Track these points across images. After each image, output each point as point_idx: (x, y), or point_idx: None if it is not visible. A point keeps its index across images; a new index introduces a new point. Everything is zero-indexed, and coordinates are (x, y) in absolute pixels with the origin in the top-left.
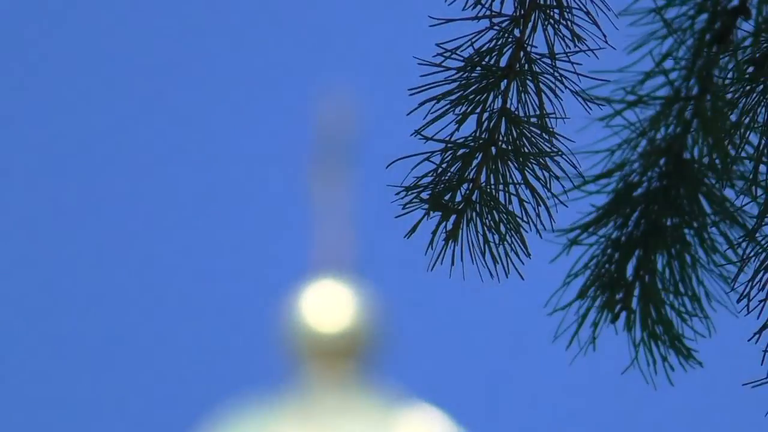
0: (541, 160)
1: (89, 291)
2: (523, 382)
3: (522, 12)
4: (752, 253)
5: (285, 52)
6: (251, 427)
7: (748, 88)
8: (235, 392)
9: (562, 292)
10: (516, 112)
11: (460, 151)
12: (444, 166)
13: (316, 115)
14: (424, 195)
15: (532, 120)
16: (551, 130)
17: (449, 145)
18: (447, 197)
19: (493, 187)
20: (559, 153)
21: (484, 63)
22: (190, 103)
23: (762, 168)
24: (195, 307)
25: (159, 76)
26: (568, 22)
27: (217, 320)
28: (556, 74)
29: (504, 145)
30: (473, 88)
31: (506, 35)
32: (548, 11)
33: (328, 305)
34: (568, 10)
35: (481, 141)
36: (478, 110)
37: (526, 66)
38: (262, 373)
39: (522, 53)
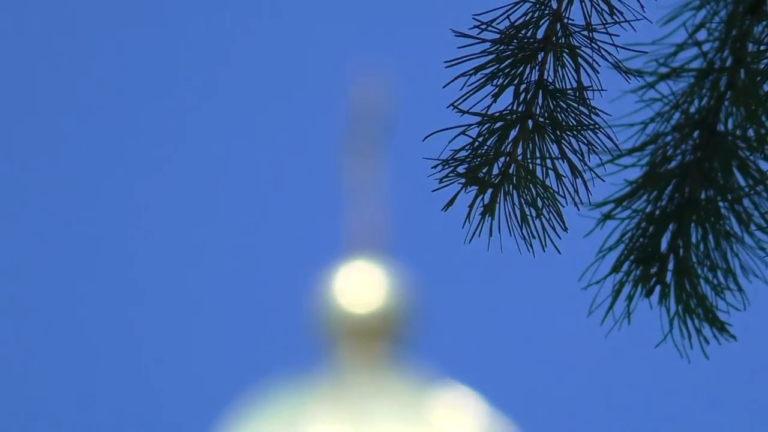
0: (578, 132)
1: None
2: (556, 360)
3: None
4: None
5: (318, 29)
6: (284, 408)
7: None
8: (268, 373)
9: (597, 267)
10: (553, 85)
11: (497, 125)
12: (480, 140)
13: (350, 93)
14: (461, 169)
15: (569, 93)
16: (589, 102)
17: (486, 118)
18: (484, 171)
19: (530, 160)
20: (598, 127)
21: (521, 35)
22: (224, 84)
23: None
24: (227, 287)
25: (196, 57)
26: None
27: (249, 301)
28: (593, 46)
29: (541, 118)
30: (509, 60)
31: (542, 7)
32: None
33: (360, 285)
34: None
35: (518, 114)
36: (514, 83)
37: (563, 39)
38: (294, 354)
39: (559, 25)
